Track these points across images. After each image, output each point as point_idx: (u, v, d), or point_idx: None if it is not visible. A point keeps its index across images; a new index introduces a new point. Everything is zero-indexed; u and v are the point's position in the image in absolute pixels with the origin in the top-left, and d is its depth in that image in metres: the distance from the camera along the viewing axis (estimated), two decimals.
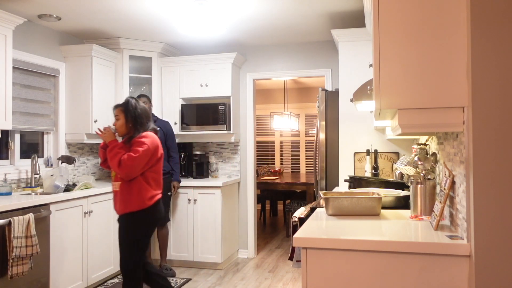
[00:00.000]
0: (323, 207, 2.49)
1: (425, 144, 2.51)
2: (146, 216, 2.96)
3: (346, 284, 1.74)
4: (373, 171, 3.65)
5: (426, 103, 1.68)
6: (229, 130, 4.84)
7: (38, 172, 4.00)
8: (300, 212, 2.63)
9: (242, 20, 4.11)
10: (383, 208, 2.48)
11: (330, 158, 3.93)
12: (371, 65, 1.87)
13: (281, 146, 8.79)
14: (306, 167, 8.55)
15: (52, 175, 3.90)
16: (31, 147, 4.28)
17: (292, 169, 8.67)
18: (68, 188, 3.92)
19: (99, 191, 3.94)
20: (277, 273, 4.53)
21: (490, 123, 1.55)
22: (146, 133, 3.00)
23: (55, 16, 3.93)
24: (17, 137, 4.03)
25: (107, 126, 3.03)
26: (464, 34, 1.63)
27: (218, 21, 3.98)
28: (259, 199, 6.93)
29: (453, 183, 1.88)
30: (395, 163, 3.30)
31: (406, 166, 2.30)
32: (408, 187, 2.78)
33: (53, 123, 4.38)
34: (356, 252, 1.73)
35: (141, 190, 2.93)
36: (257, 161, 8.58)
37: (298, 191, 7.11)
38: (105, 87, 4.57)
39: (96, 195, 3.92)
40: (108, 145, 2.97)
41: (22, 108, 4.01)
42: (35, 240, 3.07)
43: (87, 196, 3.81)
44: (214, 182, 4.61)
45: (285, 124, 7.34)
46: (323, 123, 3.97)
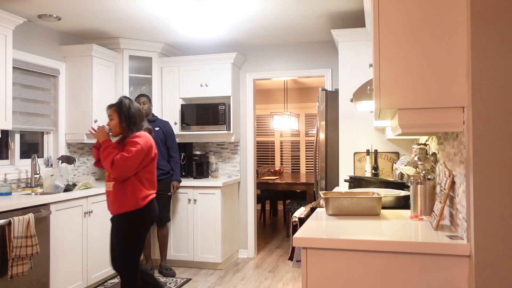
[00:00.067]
0: (323, 207, 2.49)
1: (425, 144, 2.51)
2: (140, 216, 2.95)
3: (346, 284, 1.74)
4: (373, 171, 3.65)
5: (426, 103, 1.68)
6: (229, 130, 4.84)
7: (38, 172, 4.00)
8: (300, 212, 2.63)
9: (242, 20, 4.11)
10: (383, 208, 2.48)
11: (330, 158, 3.93)
12: (371, 65, 1.87)
13: (281, 146, 8.79)
14: (306, 167, 8.55)
15: (52, 175, 3.90)
16: (31, 147, 4.28)
17: (292, 169, 8.67)
18: (68, 188, 3.92)
19: (99, 191, 3.93)
20: (277, 273, 4.53)
21: (490, 123, 1.55)
22: (140, 133, 2.99)
23: (55, 16, 3.93)
24: (17, 137, 4.03)
25: (101, 126, 3.01)
26: (464, 34, 1.63)
27: (218, 21, 3.98)
28: (259, 199, 6.93)
29: (453, 183, 1.88)
30: (395, 163, 3.30)
31: (406, 166, 2.30)
32: (408, 187, 2.78)
33: (53, 123, 4.38)
34: (356, 252, 1.73)
35: (134, 190, 2.92)
36: (257, 161, 8.58)
37: (298, 191, 7.11)
38: (105, 87, 4.57)
39: (96, 195, 3.92)
40: (102, 144, 2.96)
41: (22, 108, 4.01)
42: (35, 240, 3.07)
43: (87, 196, 3.81)
44: (214, 182, 4.61)
45: (285, 124, 7.34)
46: (323, 123, 3.97)
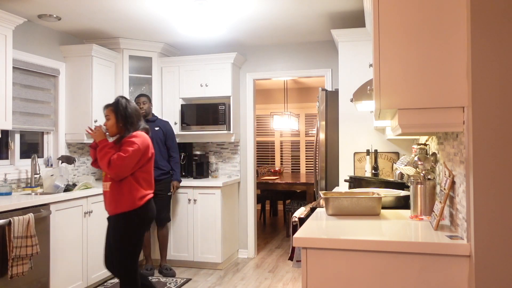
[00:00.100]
0: (323, 207, 2.49)
1: (425, 144, 2.51)
2: (137, 216, 2.94)
3: (346, 284, 1.74)
4: (373, 171, 3.65)
5: (426, 103, 1.68)
6: (229, 130, 4.84)
7: (38, 172, 4.00)
8: (300, 212, 2.63)
9: (242, 20, 4.11)
10: (383, 208, 2.48)
11: (330, 158, 3.93)
12: (371, 65, 1.87)
13: (281, 146, 8.79)
14: (306, 167, 8.55)
15: (52, 175, 3.90)
16: (31, 147, 4.28)
17: (292, 169, 8.67)
18: (68, 188, 3.92)
19: (99, 191, 3.93)
20: (277, 273, 4.53)
21: (490, 123, 1.55)
22: (137, 132, 2.98)
23: (55, 16, 3.93)
24: (17, 137, 4.03)
25: (98, 126, 3.01)
26: (464, 34, 1.63)
27: (218, 21, 3.98)
28: (259, 199, 6.93)
29: (453, 183, 1.88)
30: (395, 163, 3.30)
31: (406, 166, 2.29)
32: (408, 187, 2.78)
33: (53, 123, 4.38)
34: (356, 252, 1.73)
35: (131, 190, 2.91)
36: (257, 161, 8.58)
37: (298, 191, 7.11)
38: (105, 87, 4.57)
39: (96, 195, 3.91)
40: (98, 144, 2.95)
41: (22, 108, 4.01)
42: (35, 240, 3.07)
43: (87, 196, 3.81)
44: (214, 182, 4.61)
45: (285, 124, 7.34)
46: (323, 123, 3.97)
